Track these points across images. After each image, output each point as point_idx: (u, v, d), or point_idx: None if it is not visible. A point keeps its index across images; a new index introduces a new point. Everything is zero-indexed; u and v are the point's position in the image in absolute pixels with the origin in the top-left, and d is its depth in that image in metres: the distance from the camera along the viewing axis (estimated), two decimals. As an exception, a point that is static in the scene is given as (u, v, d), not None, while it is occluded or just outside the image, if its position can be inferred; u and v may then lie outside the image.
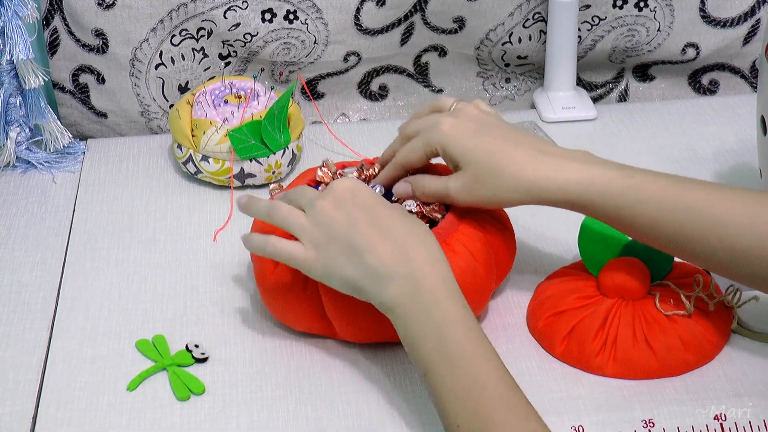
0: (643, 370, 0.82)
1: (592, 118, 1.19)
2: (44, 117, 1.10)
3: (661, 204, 0.78)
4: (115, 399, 0.82)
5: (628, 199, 0.79)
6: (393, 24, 1.18)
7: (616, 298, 0.84)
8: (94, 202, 1.07)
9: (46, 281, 0.95)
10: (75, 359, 0.86)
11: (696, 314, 0.83)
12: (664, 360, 0.82)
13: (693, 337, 0.82)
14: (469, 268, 0.82)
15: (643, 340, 0.82)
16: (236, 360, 0.86)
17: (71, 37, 1.14)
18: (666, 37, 1.22)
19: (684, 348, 0.82)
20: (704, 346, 0.83)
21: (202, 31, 1.15)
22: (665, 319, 0.83)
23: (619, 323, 0.83)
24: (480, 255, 0.84)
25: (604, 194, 0.79)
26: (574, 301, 0.85)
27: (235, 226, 1.02)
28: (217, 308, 0.91)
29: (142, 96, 1.18)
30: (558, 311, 0.85)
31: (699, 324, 0.83)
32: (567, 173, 0.80)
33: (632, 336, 0.82)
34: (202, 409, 0.81)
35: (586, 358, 0.83)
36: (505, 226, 0.89)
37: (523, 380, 0.82)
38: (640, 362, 0.82)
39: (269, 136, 1.04)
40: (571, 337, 0.84)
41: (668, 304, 0.83)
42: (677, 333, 0.82)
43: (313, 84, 1.22)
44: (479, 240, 0.84)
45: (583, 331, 0.83)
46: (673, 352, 0.82)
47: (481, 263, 0.83)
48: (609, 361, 0.82)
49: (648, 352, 0.82)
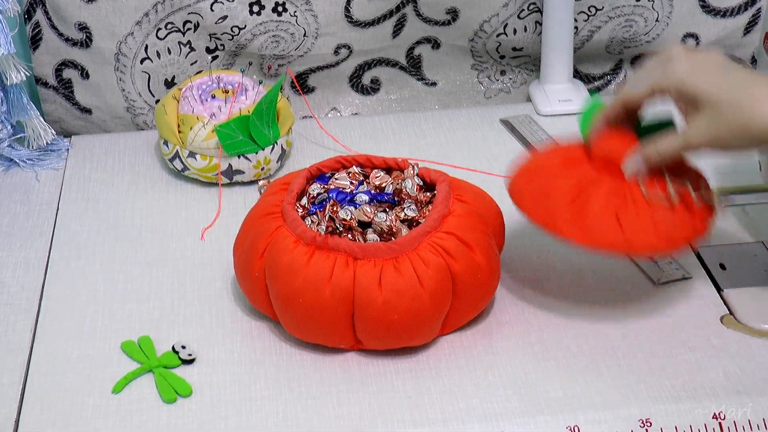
0: (607, 241, 0.81)
1: (590, 111, 1.20)
2: (27, 113, 1.10)
3: None
4: (100, 401, 0.83)
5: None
6: (384, 16, 1.19)
7: (601, 168, 0.84)
8: (79, 201, 1.07)
9: (29, 281, 0.96)
10: (59, 361, 0.87)
11: (678, 206, 0.83)
12: (630, 238, 0.81)
13: (666, 224, 0.82)
14: (410, 291, 0.81)
15: (614, 214, 0.81)
16: (224, 361, 0.86)
17: (54, 31, 1.15)
18: (665, 28, 1.22)
19: (655, 232, 0.81)
20: (675, 237, 0.82)
21: (189, 25, 1.16)
22: (643, 200, 0.82)
23: (595, 191, 0.82)
24: (429, 281, 0.82)
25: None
26: (556, 165, 0.85)
27: (223, 225, 1.02)
28: (205, 308, 0.92)
29: (127, 91, 1.18)
30: (537, 172, 0.85)
31: (677, 215, 0.82)
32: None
33: (603, 208, 0.81)
34: (189, 411, 0.82)
35: (555, 221, 0.82)
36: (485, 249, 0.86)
37: (517, 379, 0.83)
38: (604, 234, 0.81)
39: (258, 132, 1.05)
40: (544, 198, 0.83)
41: (654, 189, 0.83)
42: (651, 216, 0.81)
43: (303, 78, 1.22)
44: (436, 267, 0.82)
45: (557, 195, 0.83)
46: (641, 233, 0.81)
47: (427, 290, 0.82)
48: (576, 228, 0.82)
49: (615, 227, 0.81)
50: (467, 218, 0.85)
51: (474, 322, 0.89)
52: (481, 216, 0.87)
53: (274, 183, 0.92)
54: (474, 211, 0.86)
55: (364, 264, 0.82)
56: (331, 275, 0.82)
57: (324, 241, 0.83)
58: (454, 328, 0.88)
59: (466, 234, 0.84)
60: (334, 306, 0.82)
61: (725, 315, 0.90)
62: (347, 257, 0.82)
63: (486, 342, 0.87)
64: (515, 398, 0.82)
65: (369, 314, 0.82)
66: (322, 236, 0.83)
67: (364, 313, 0.82)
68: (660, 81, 0.81)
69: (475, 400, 0.82)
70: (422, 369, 0.85)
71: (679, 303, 0.91)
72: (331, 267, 0.82)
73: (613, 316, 0.90)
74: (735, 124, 0.77)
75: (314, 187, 0.91)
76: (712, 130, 0.78)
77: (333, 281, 0.82)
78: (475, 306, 0.87)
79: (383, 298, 0.81)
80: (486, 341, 0.87)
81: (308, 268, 0.82)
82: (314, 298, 0.82)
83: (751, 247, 0.98)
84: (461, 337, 0.88)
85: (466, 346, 0.87)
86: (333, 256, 0.82)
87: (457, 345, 0.87)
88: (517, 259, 0.96)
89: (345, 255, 0.82)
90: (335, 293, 0.81)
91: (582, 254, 0.96)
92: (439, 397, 0.82)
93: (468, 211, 0.86)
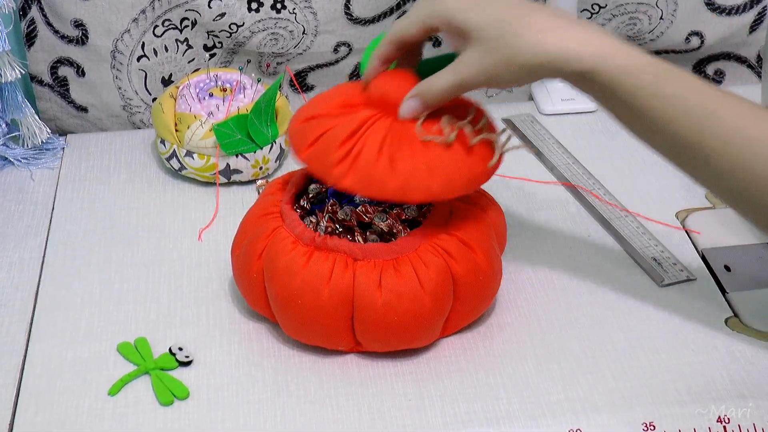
0: (381, 187, 0.80)
1: (593, 111, 1.20)
2: (21, 111, 1.10)
3: (682, 99, 0.74)
4: (95, 404, 0.83)
5: (656, 87, 0.74)
6: (385, 13, 1.19)
7: (378, 109, 0.82)
8: (74, 200, 1.07)
9: (24, 282, 0.96)
10: (54, 362, 0.87)
11: (455, 145, 0.81)
12: (404, 182, 0.79)
13: (442, 166, 0.80)
14: (410, 293, 0.81)
15: (388, 158, 0.80)
16: (221, 363, 0.86)
17: (49, 27, 1.15)
18: (669, 26, 1.22)
19: (429, 175, 0.80)
20: (453, 178, 0.80)
21: (186, 22, 1.16)
22: (419, 142, 0.80)
23: (369, 136, 0.81)
24: (430, 283, 0.82)
25: (630, 74, 0.74)
26: (333, 107, 0.83)
27: (220, 225, 1.02)
28: (202, 310, 0.92)
29: (123, 89, 1.18)
30: (313, 115, 0.84)
31: (454, 155, 0.81)
32: (595, 46, 0.75)
33: (377, 151, 0.80)
34: (186, 414, 0.82)
35: (327, 166, 0.81)
36: (484, 249, 0.85)
37: (519, 381, 0.83)
38: (378, 179, 0.79)
39: (256, 131, 1.05)
40: (318, 143, 0.82)
41: (430, 130, 0.81)
42: (426, 159, 0.80)
43: (302, 76, 1.22)
44: (437, 268, 0.82)
45: (330, 138, 0.81)
46: (416, 177, 0.79)
47: (427, 292, 0.82)
48: (348, 173, 0.80)
49: (389, 171, 0.79)
50: (468, 219, 0.85)
51: (475, 323, 0.89)
52: (483, 216, 0.87)
53: (273, 183, 0.92)
54: (475, 212, 0.86)
55: (363, 265, 0.82)
56: (330, 276, 0.82)
57: (323, 242, 0.83)
58: (455, 330, 0.88)
59: (467, 235, 0.84)
60: (334, 307, 0.82)
61: (730, 317, 0.90)
62: (347, 258, 0.82)
63: (488, 344, 0.87)
64: (517, 401, 0.82)
65: (369, 316, 0.82)
66: (321, 237, 0.83)
67: (363, 315, 0.82)
68: (430, 16, 0.79)
69: (477, 404, 0.82)
70: (423, 372, 0.85)
71: (683, 305, 0.91)
72: (331, 268, 0.82)
73: (616, 318, 0.90)
74: (503, 56, 0.76)
75: (313, 186, 0.91)
76: (484, 65, 0.77)
77: (332, 282, 0.82)
78: (476, 308, 0.87)
79: (383, 299, 0.81)
80: (488, 343, 0.87)
81: (307, 268, 0.82)
82: (313, 300, 0.82)
83: (756, 248, 0.98)
84: (462, 339, 0.88)
85: (467, 348, 0.87)
86: (332, 256, 0.82)
87: (458, 347, 0.87)
88: (519, 259, 0.96)
89: (344, 256, 0.82)
90: (334, 294, 0.82)
91: (585, 255, 0.96)
92: (439, 400, 0.82)
93: (469, 211, 0.86)
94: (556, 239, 0.98)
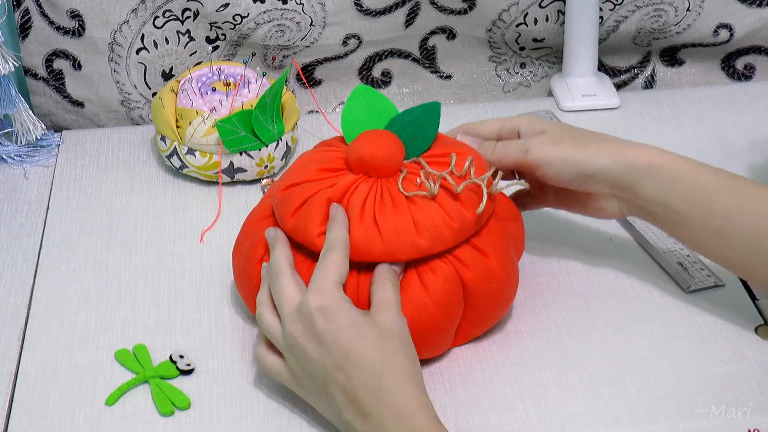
0: (367, 251, 0.80)
1: (615, 107, 1.20)
2: (15, 106, 1.10)
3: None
4: (92, 414, 0.83)
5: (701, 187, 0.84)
6: (396, 4, 1.19)
7: (361, 173, 0.83)
8: (70, 199, 1.07)
9: (17, 285, 0.96)
10: (49, 370, 0.87)
11: (441, 196, 0.82)
12: (390, 242, 0.80)
13: (429, 220, 0.81)
14: (414, 301, 0.81)
15: (372, 219, 0.81)
16: (224, 371, 0.86)
17: (44, 18, 1.15)
18: (696, 17, 1.22)
19: (416, 231, 0.80)
20: (442, 231, 0.81)
21: (188, 12, 1.16)
22: (403, 199, 0.81)
23: (349, 200, 0.82)
24: (437, 290, 0.82)
25: (672, 178, 0.85)
26: (315, 173, 0.84)
27: (223, 226, 1.02)
28: (204, 315, 0.92)
29: (122, 83, 1.18)
30: (295, 182, 0.84)
31: (440, 207, 0.81)
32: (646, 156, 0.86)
33: (359, 214, 0.81)
34: (187, 424, 0.82)
35: (311, 236, 0.81)
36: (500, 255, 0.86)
37: (538, 392, 0.83)
38: (363, 243, 0.80)
39: (261, 127, 1.05)
40: (301, 212, 0.83)
41: (413, 183, 0.82)
42: (411, 215, 0.81)
43: (310, 70, 1.23)
44: (445, 275, 0.82)
45: (311, 207, 0.82)
46: (402, 235, 0.80)
47: (434, 300, 0.82)
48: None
49: (373, 232, 0.80)
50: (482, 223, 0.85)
51: (490, 332, 0.89)
52: (498, 220, 0.86)
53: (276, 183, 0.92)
54: (489, 215, 0.86)
55: (368, 272, 0.82)
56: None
57: None
58: (468, 339, 0.88)
59: (480, 240, 0.84)
60: None
61: (760, 325, 0.89)
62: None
63: (504, 352, 0.87)
64: (535, 413, 0.82)
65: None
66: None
67: None
68: (515, 154, 0.88)
69: (492, 415, 0.82)
70: (435, 382, 0.85)
71: (710, 312, 0.91)
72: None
73: (639, 326, 0.89)
74: (569, 154, 0.86)
75: None
76: (549, 145, 0.87)
77: None
78: (490, 316, 0.87)
79: None
80: (504, 352, 0.87)
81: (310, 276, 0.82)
82: None
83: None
84: (476, 348, 0.88)
85: (481, 357, 0.87)
86: None
87: (472, 356, 0.87)
88: (536, 264, 0.96)
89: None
90: None
91: (607, 259, 0.96)
92: (453, 412, 0.82)
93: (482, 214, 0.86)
94: (576, 242, 0.98)
